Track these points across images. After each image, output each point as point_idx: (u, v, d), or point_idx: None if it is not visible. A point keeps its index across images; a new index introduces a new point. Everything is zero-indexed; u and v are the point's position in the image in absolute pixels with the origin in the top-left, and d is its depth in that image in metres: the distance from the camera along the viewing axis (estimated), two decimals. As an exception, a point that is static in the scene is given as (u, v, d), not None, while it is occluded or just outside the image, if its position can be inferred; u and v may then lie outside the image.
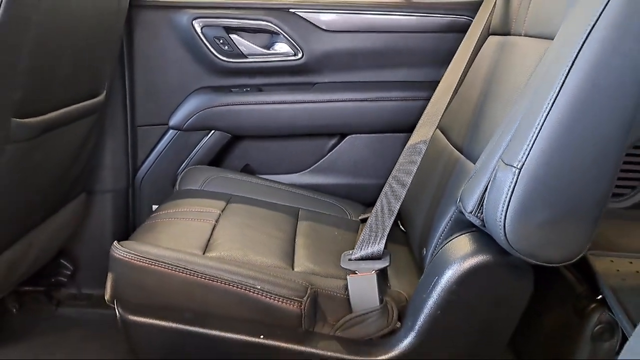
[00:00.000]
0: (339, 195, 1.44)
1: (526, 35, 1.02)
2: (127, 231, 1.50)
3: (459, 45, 1.28)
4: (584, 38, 0.72)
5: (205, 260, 0.93)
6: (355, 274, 0.92)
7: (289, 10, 1.41)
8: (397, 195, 0.97)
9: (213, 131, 1.46)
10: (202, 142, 1.47)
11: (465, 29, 1.30)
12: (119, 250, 0.91)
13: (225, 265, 0.92)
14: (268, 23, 1.40)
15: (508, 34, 1.10)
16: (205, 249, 1.00)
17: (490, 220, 0.79)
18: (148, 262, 0.90)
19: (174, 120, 1.45)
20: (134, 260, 0.90)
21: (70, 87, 1.07)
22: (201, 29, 1.39)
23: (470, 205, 0.84)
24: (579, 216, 0.79)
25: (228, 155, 1.53)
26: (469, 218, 0.85)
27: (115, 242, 0.93)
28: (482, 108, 1.04)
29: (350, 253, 0.96)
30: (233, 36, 1.41)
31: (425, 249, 0.98)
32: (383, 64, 1.47)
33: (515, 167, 0.76)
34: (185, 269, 0.90)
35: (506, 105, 0.93)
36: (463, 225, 0.90)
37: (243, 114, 1.45)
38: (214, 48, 1.40)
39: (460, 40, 1.28)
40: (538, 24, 0.98)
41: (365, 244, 0.95)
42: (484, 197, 0.81)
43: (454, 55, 1.27)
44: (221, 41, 1.40)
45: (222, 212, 1.16)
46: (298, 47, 1.42)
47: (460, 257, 0.84)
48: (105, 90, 1.24)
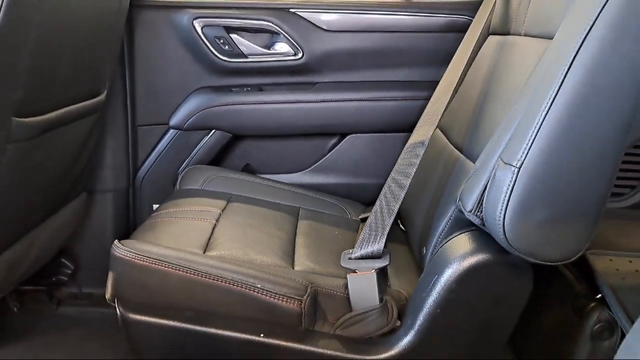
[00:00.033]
0: (339, 195, 1.44)
1: (526, 35, 1.02)
2: (128, 230, 1.50)
3: (459, 45, 1.28)
4: (582, 38, 0.72)
5: (206, 259, 0.94)
6: (355, 272, 0.92)
7: (290, 10, 1.41)
8: (396, 196, 0.97)
9: (213, 131, 1.46)
10: (203, 141, 1.47)
11: (465, 29, 1.30)
12: (120, 249, 0.91)
13: (226, 264, 0.92)
14: (268, 23, 1.41)
15: (508, 33, 1.10)
16: (206, 248, 1.00)
17: (490, 219, 0.80)
18: (149, 261, 0.90)
19: (175, 119, 1.45)
20: (134, 259, 0.90)
21: (70, 86, 1.08)
22: (202, 29, 1.39)
23: (469, 204, 0.84)
24: (578, 215, 0.79)
25: (228, 155, 1.53)
26: (468, 217, 0.85)
27: (116, 241, 0.93)
28: (481, 107, 1.04)
29: (351, 252, 0.96)
30: (233, 36, 1.41)
31: (425, 248, 0.98)
32: (383, 64, 1.47)
33: (514, 166, 0.76)
34: (185, 267, 0.90)
35: (506, 105, 0.93)
36: (463, 225, 0.90)
37: (243, 114, 1.45)
38: (214, 48, 1.40)
39: (460, 40, 1.28)
40: (537, 23, 0.99)
41: (365, 243, 0.95)
42: (484, 196, 0.81)
43: (454, 54, 1.27)
44: (222, 41, 1.40)
45: (222, 211, 1.16)
46: (298, 46, 1.43)
47: (459, 256, 0.85)
48: (106, 90, 1.25)
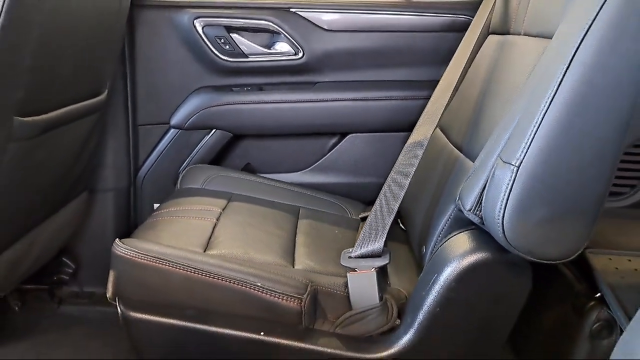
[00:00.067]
0: (339, 194, 1.44)
1: (525, 35, 1.03)
2: (129, 230, 1.50)
3: (459, 44, 1.28)
4: (581, 37, 0.73)
5: (207, 257, 0.94)
6: (355, 271, 0.92)
7: (290, 9, 1.42)
8: (396, 195, 0.97)
9: (214, 130, 1.47)
10: (203, 141, 1.47)
11: (465, 28, 1.30)
12: (121, 248, 0.91)
13: (226, 263, 0.92)
14: (269, 22, 1.41)
15: (507, 33, 1.10)
16: (207, 247, 1.00)
17: (489, 218, 0.80)
18: (150, 259, 0.90)
19: (175, 119, 1.46)
20: (135, 258, 0.91)
21: (71, 86, 1.08)
22: (202, 29, 1.39)
23: (469, 203, 0.84)
24: (577, 213, 0.79)
25: (229, 154, 1.53)
26: (467, 216, 0.85)
27: (117, 239, 0.93)
28: (481, 107, 1.04)
29: (351, 251, 0.96)
30: (234, 36, 1.41)
31: (424, 246, 0.99)
32: (383, 63, 1.47)
33: (513, 165, 0.76)
34: (186, 266, 0.90)
35: (505, 104, 0.93)
36: (462, 223, 0.90)
37: (244, 113, 1.45)
38: (215, 47, 1.41)
39: (460, 40, 1.29)
40: (537, 23, 0.99)
41: (365, 242, 0.95)
42: (483, 195, 0.82)
43: (454, 54, 1.27)
44: (222, 41, 1.41)
45: (223, 210, 1.16)
46: (299, 46, 1.43)
47: (459, 254, 0.85)
48: (107, 90, 1.25)
